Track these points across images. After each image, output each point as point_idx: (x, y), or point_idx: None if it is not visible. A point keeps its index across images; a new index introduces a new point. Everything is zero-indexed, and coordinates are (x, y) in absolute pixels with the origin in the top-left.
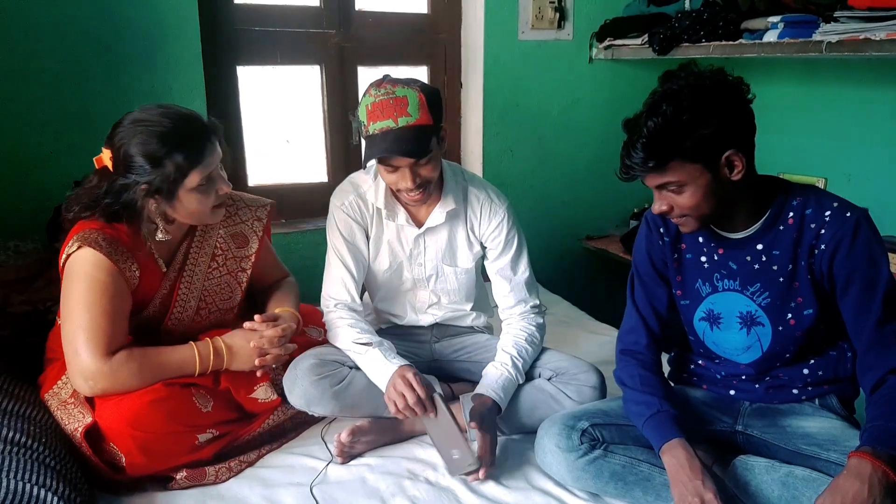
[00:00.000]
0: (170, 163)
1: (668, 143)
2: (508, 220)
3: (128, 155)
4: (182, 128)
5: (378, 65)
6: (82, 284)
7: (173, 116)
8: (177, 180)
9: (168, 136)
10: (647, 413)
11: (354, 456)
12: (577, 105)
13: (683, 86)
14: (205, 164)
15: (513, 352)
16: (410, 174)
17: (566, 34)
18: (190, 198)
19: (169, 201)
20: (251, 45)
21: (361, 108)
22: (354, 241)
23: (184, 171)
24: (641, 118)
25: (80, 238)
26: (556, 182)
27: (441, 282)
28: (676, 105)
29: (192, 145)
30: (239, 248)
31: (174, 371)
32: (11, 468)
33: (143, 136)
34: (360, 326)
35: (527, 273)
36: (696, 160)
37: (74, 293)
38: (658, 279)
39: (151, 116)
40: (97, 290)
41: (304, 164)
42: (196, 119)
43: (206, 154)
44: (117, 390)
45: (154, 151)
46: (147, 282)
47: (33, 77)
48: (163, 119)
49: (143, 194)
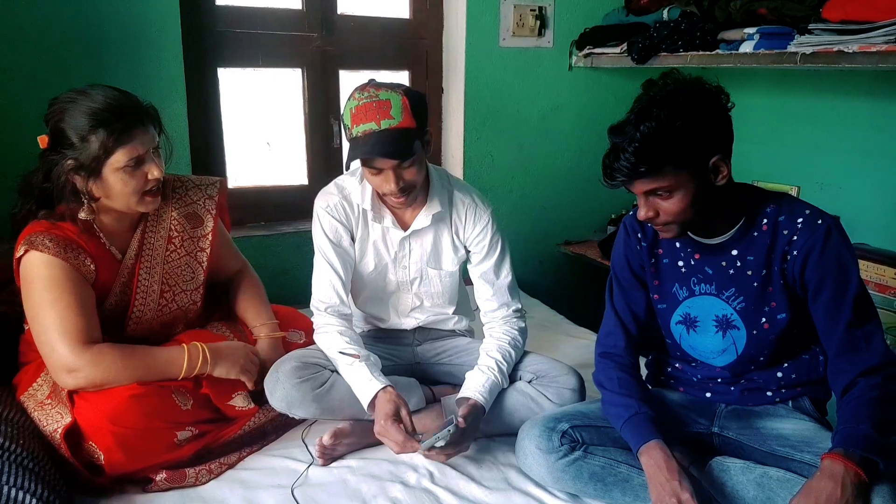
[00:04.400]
0: (95, 139)
1: (660, 148)
2: (492, 225)
3: (57, 129)
4: (112, 106)
5: (359, 69)
6: (39, 285)
7: (106, 95)
8: (101, 158)
9: (97, 112)
10: (625, 415)
11: (336, 458)
12: (556, 112)
13: (673, 91)
14: (132, 145)
15: (497, 356)
16: (394, 177)
17: (546, 41)
18: (115, 178)
19: (94, 179)
20: (232, 46)
21: (346, 112)
22: (341, 243)
23: (109, 149)
24: (630, 123)
25: (27, 242)
26: (536, 187)
27: (425, 285)
28: (669, 109)
29: (121, 124)
30: (194, 228)
31: (161, 366)
32: None
33: (72, 111)
34: (349, 335)
35: (509, 277)
36: (687, 165)
37: (34, 295)
38: (636, 283)
39: (84, 93)
40: (55, 287)
41: (284, 166)
42: (129, 100)
43: (134, 135)
44: (103, 380)
45: (81, 126)
46: (105, 273)
47: (12, 76)
48: (95, 96)
49: (69, 169)
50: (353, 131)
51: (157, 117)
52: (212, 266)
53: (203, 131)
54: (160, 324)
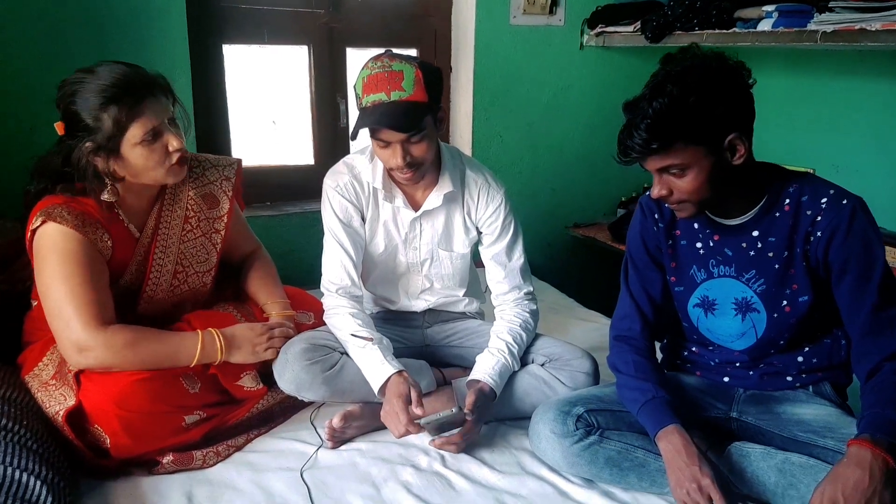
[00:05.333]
0: (108, 116)
1: (673, 124)
2: (505, 206)
3: (69, 112)
4: (120, 81)
5: (366, 46)
6: (55, 258)
7: (112, 70)
8: (117, 135)
9: (105, 89)
10: (641, 399)
11: (345, 441)
12: (567, 91)
13: (689, 67)
14: (146, 117)
15: (508, 338)
16: (401, 151)
17: (558, 20)
18: (135, 153)
19: (115, 158)
20: (237, 23)
21: (358, 81)
22: (351, 223)
23: (122, 124)
24: (644, 99)
25: (44, 213)
26: (545, 169)
27: (435, 266)
28: (682, 86)
29: (131, 98)
30: (210, 209)
31: (173, 353)
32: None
33: (81, 92)
34: (361, 318)
35: (521, 259)
36: (700, 143)
37: (48, 269)
38: (652, 265)
39: (91, 72)
40: (72, 261)
41: (290, 145)
42: (136, 73)
43: (146, 106)
44: (114, 363)
45: (92, 106)
46: (121, 250)
47: (13, 50)
48: (101, 73)
49: (89, 152)
50: (363, 101)
51: (168, 87)
52: (225, 247)
53: (208, 109)
54: (171, 304)
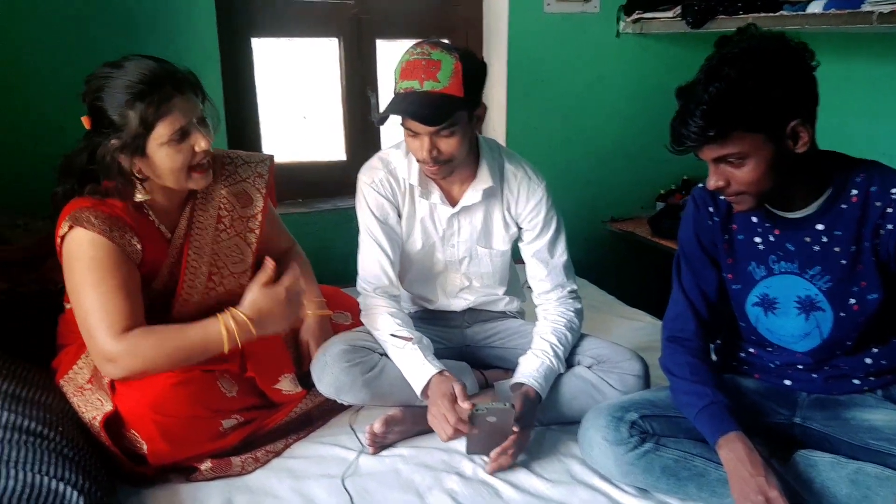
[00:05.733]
0: (134, 114)
1: (730, 110)
2: (546, 200)
3: (95, 108)
4: (147, 77)
5: (397, 38)
6: (82, 265)
7: (140, 66)
8: (143, 134)
9: (132, 85)
10: (699, 404)
11: (386, 446)
12: (603, 81)
13: (747, 49)
14: (173, 116)
15: (552, 339)
16: (428, 143)
17: (593, 7)
18: (160, 154)
19: (140, 157)
20: (267, 15)
21: (396, 66)
22: (387, 220)
23: (149, 123)
24: (699, 84)
25: (71, 218)
26: (581, 161)
27: (474, 264)
28: (741, 69)
29: (158, 95)
30: (244, 208)
31: (199, 342)
32: (27, 459)
33: (107, 87)
34: (400, 317)
35: (564, 256)
36: (760, 130)
37: (76, 276)
38: (707, 261)
39: (118, 66)
40: (99, 268)
41: (321, 141)
42: (164, 68)
43: (174, 105)
44: (145, 368)
45: (118, 102)
46: (152, 253)
47: (43, 45)
48: (129, 68)
49: (114, 150)
50: (397, 86)
51: (197, 84)
52: (260, 247)
53: (238, 105)
54: (206, 306)
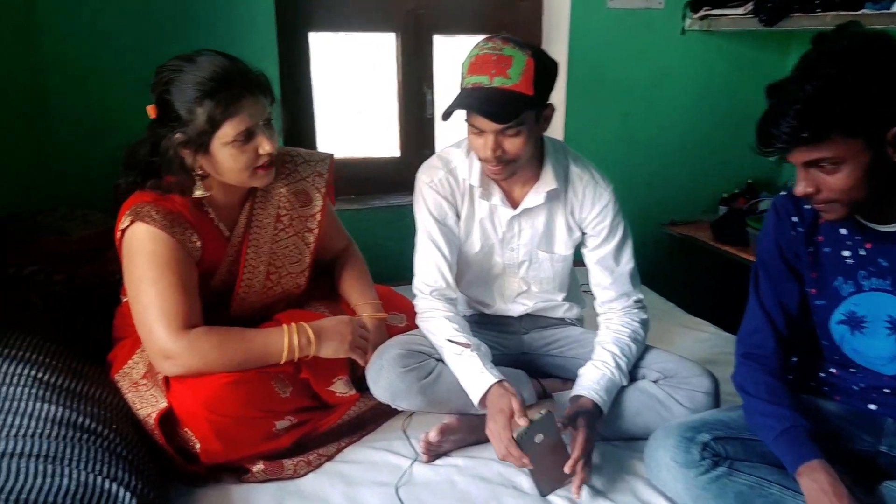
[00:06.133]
0: (202, 111)
1: (828, 111)
2: (613, 205)
3: (163, 100)
4: (219, 75)
5: (454, 33)
6: (142, 260)
7: (213, 62)
8: (208, 131)
9: (203, 82)
10: (777, 427)
11: (440, 455)
12: (666, 80)
13: (847, 47)
14: (241, 117)
15: (615, 349)
16: (493, 142)
17: (658, 2)
18: (224, 153)
19: (202, 154)
20: (324, 9)
21: (466, 59)
22: (445, 221)
23: (216, 121)
24: (795, 81)
25: (133, 213)
26: (641, 162)
27: (534, 269)
28: (840, 68)
29: (228, 94)
30: (303, 207)
31: (259, 350)
32: (81, 457)
33: (178, 81)
34: (457, 321)
35: (630, 264)
36: (858, 134)
37: (136, 271)
38: (788, 274)
39: (191, 60)
40: (159, 263)
41: (375, 137)
42: (237, 68)
43: (243, 106)
44: (202, 367)
45: (187, 97)
46: (211, 250)
47: (104, 39)
48: (202, 63)
49: (178, 144)
50: (464, 81)
51: (268, 86)
52: (318, 246)
53: (294, 99)
54: (263, 305)
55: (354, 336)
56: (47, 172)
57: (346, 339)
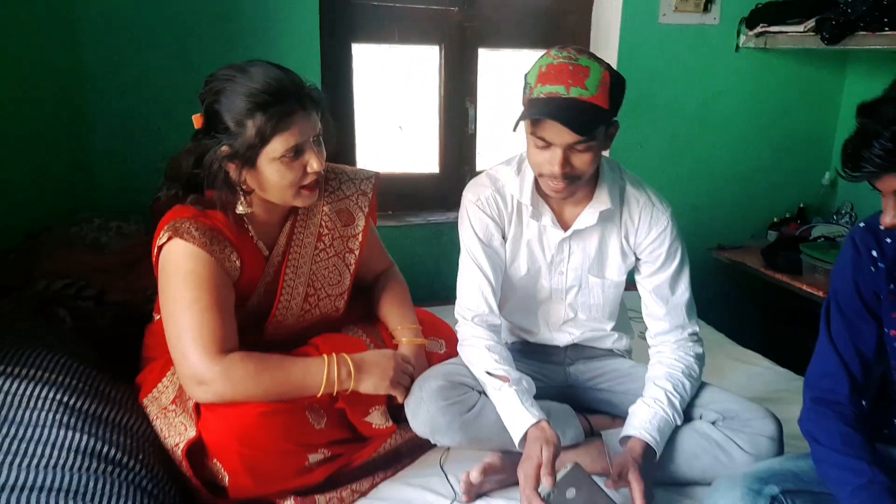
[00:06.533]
0: (251, 124)
1: None
2: (672, 231)
3: (212, 111)
4: (272, 87)
5: (500, 47)
6: (178, 279)
7: (266, 74)
8: (256, 145)
9: (255, 94)
10: (853, 482)
11: (481, 495)
12: (718, 98)
13: None
14: (291, 132)
15: (667, 386)
16: (562, 156)
17: (712, 18)
18: (271, 169)
19: (249, 169)
20: (368, 20)
21: (533, 69)
22: (491, 242)
23: (265, 136)
24: (890, 102)
25: (171, 228)
26: (689, 183)
27: (583, 294)
28: None
29: (280, 108)
30: (345, 227)
31: (297, 382)
32: (105, 492)
33: (229, 91)
34: (498, 352)
35: (687, 294)
36: None
37: (171, 290)
38: (865, 314)
39: (243, 71)
40: (196, 283)
41: (415, 152)
42: (291, 81)
43: (294, 121)
44: (236, 395)
45: (237, 109)
46: (249, 270)
47: (143, 47)
48: (254, 74)
49: (224, 157)
50: (536, 91)
51: (320, 101)
52: (359, 268)
53: (335, 112)
54: (300, 328)
55: (397, 372)
56: (85, 181)
57: (388, 375)
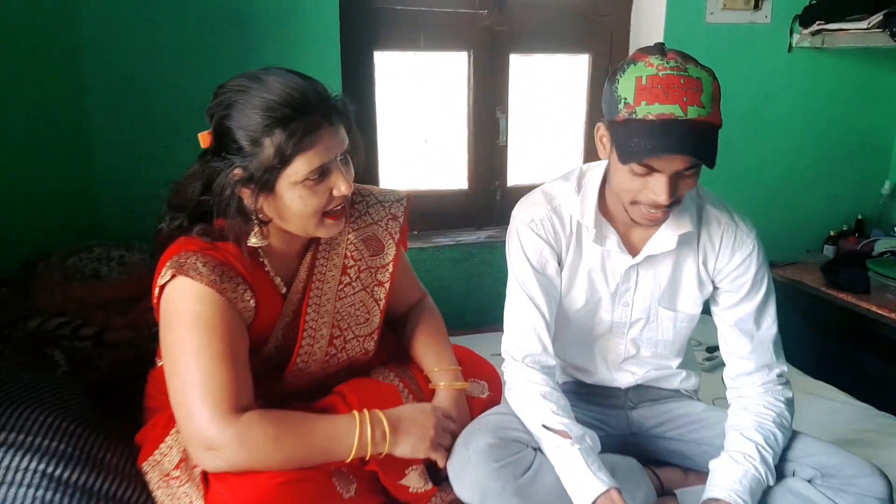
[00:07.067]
0: (270, 142)
1: None
2: (759, 255)
3: (222, 127)
4: (293, 99)
5: (533, 52)
6: (184, 324)
7: (286, 83)
8: (276, 167)
9: (273, 107)
10: None
11: None
12: (770, 102)
13: None
14: (316, 151)
15: (758, 439)
16: (669, 185)
17: (763, 16)
18: (292, 194)
19: (266, 194)
20: (391, 26)
21: (627, 81)
22: (545, 270)
23: (286, 156)
24: None
25: (174, 265)
26: (738, 192)
27: (650, 329)
28: None
29: (304, 123)
30: (373, 257)
31: (324, 445)
32: None
33: (242, 105)
34: (556, 400)
35: (774, 328)
36: None
37: (176, 337)
38: None
39: (259, 80)
40: (204, 328)
41: (442, 167)
42: (315, 91)
43: (320, 137)
44: (253, 463)
45: (253, 125)
46: (266, 311)
47: (153, 57)
48: (272, 84)
49: (237, 181)
50: (640, 110)
51: (348, 113)
52: (389, 302)
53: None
54: (324, 375)
55: (437, 431)
56: (85, 205)
57: (428, 436)
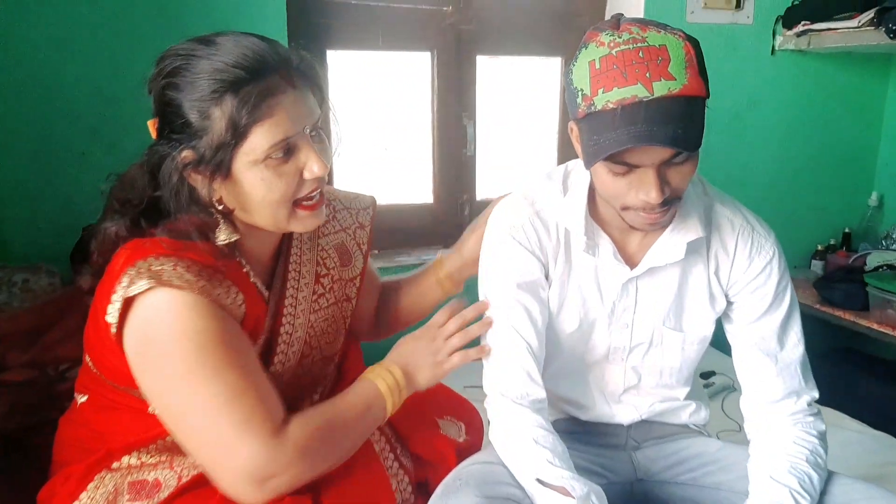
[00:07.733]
0: (220, 113)
1: None
2: (779, 263)
3: (165, 100)
4: (246, 59)
5: (502, 54)
6: (186, 346)
7: (239, 43)
8: (230, 143)
9: (223, 69)
10: None
11: None
12: (753, 108)
13: None
14: (276, 120)
15: (791, 482)
16: (656, 180)
17: (745, 16)
18: (253, 176)
19: (222, 178)
20: (346, 22)
21: (580, 69)
22: (533, 287)
23: (240, 127)
24: None
25: (147, 273)
26: None
27: (654, 355)
28: None
29: (260, 87)
30: (343, 267)
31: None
32: None
33: (188, 70)
34: (551, 446)
35: (800, 348)
36: None
37: (177, 366)
38: None
39: (208, 42)
40: (214, 347)
41: (404, 179)
42: (276, 51)
43: (280, 103)
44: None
45: (201, 94)
46: (252, 314)
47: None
48: (223, 45)
49: (185, 165)
50: (598, 100)
51: (317, 80)
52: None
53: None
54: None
55: (439, 341)
56: None
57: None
